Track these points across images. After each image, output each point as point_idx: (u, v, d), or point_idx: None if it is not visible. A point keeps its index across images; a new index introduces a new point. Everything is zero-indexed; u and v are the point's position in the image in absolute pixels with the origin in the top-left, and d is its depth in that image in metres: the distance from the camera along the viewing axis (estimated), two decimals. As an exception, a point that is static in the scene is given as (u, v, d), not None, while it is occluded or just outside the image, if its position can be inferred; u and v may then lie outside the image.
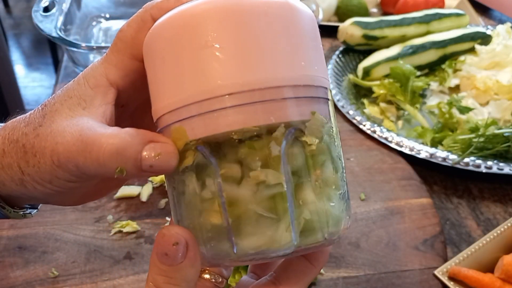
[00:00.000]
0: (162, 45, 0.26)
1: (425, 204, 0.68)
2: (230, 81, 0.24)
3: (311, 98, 0.26)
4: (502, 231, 0.61)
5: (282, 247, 0.25)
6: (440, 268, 0.58)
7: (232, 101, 0.24)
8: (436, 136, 0.78)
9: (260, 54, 0.24)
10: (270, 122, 0.24)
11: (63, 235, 0.60)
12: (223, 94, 0.24)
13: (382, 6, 1.19)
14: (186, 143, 0.26)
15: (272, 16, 0.25)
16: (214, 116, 0.25)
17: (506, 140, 0.73)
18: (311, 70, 0.26)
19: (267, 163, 0.25)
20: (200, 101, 0.25)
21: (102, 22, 1.05)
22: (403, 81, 0.86)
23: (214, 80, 0.24)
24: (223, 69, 0.24)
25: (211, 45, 0.24)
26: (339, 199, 0.27)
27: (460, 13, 1.00)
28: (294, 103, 0.25)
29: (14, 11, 2.97)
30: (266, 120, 0.24)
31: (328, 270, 0.59)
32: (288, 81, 0.25)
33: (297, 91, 0.25)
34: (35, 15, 0.84)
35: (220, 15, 0.24)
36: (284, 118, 0.25)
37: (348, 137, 0.79)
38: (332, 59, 0.95)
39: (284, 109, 0.25)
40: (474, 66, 0.91)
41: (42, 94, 2.30)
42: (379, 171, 0.73)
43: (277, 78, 0.25)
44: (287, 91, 0.25)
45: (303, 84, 0.25)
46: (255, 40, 0.24)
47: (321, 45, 0.28)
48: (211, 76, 0.24)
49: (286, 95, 0.25)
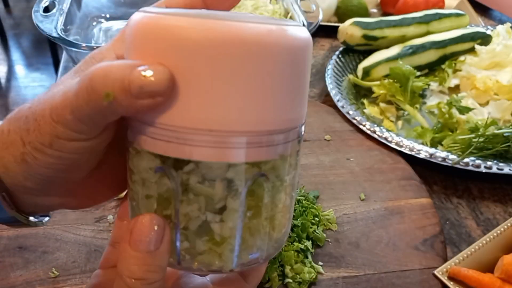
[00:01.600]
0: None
1: (425, 204, 0.68)
2: (202, 116, 0.24)
3: (275, 145, 0.27)
4: (502, 231, 0.61)
5: (224, 266, 0.27)
6: (440, 268, 0.58)
7: (199, 136, 0.25)
8: (436, 136, 0.78)
9: (231, 95, 0.24)
10: (233, 161, 0.25)
11: (64, 235, 0.60)
12: (196, 128, 0.25)
13: (382, 6, 1.19)
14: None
15: (246, 57, 0.24)
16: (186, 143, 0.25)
17: (506, 140, 0.73)
18: (281, 114, 0.26)
19: (225, 195, 0.26)
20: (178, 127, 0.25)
21: (102, 22, 1.06)
22: (403, 81, 0.86)
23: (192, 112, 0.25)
24: (199, 103, 0.24)
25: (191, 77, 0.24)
26: (286, 226, 0.30)
27: (460, 13, 1.00)
28: (255, 146, 0.26)
29: (14, 11, 2.98)
30: (228, 158, 0.25)
31: (328, 270, 0.59)
32: (252, 127, 0.25)
33: (260, 137, 0.26)
34: (35, 15, 0.84)
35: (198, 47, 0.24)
36: (248, 159, 0.26)
37: (348, 137, 0.79)
38: (332, 59, 0.95)
39: (245, 151, 0.25)
40: (474, 66, 0.91)
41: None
42: (379, 171, 0.73)
43: (242, 122, 0.25)
44: (250, 137, 0.25)
45: (270, 129, 0.26)
46: (227, 81, 0.24)
47: (304, 78, 0.27)
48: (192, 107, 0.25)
49: (249, 140, 0.25)
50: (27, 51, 2.71)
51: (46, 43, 2.40)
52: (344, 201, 0.68)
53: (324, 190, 0.69)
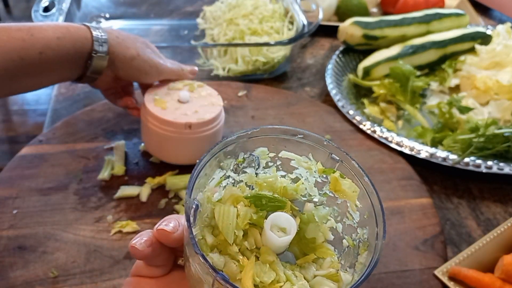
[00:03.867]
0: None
1: (425, 204, 0.68)
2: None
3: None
4: (502, 231, 0.61)
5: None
6: (440, 268, 0.58)
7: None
8: (436, 136, 0.78)
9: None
10: None
11: (63, 235, 0.60)
12: None
13: (382, 6, 1.19)
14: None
15: None
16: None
17: (506, 140, 0.73)
18: None
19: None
20: None
21: (102, 22, 1.05)
22: (403, 81, 0.86)
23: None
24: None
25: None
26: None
27: (460, 13, 1.00)
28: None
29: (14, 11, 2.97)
30: None
31: (328, 270, 0.59)
32: None
33: None
34: (35, 15, 0.84)
35: None
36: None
37: (348, 137, 0.79)
38: (332, 59, 0.95)
39: None
40: (474, 66, 0.91)
41: (42, 94, 2.30)
42: (379, 171, 0.73)
43: None
44: None
45: None
46: None
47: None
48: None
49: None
50: (27, 51, 2.71)
51: (46, 43, 2.40)
52: (344, 201, 0.68)
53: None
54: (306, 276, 0.32)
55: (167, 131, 0.65)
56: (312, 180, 0.35)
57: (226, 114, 0.72)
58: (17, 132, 2.14)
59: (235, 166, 0.35)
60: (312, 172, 0.35)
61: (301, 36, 0.89)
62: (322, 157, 0.35)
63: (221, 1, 1.05)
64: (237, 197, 0.33)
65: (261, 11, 0.99)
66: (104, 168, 0.69)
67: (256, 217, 0.32)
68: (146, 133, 0.69)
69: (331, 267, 0.33)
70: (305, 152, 0.35)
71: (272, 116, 0.82)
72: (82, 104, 0.84)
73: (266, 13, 0.98)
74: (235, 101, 0.85)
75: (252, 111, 0.83)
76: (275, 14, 1.00)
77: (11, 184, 0.66)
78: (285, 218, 0.32)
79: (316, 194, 0.35)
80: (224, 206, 0.32)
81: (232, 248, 0.31)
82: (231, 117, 0.80)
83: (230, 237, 0.30)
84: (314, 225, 0.33)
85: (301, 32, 0.90)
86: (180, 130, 0.64)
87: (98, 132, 0.76)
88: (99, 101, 0.82)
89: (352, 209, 0.34)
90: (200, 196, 0.32)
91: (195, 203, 0.31)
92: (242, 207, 0.32)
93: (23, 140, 2.02)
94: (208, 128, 0.66)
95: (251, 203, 0.33)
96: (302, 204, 0.34)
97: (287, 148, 0.35)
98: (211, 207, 0.32)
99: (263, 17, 0.98)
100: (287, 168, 0.36)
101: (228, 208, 0.31)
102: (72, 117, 0.78)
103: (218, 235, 0.31)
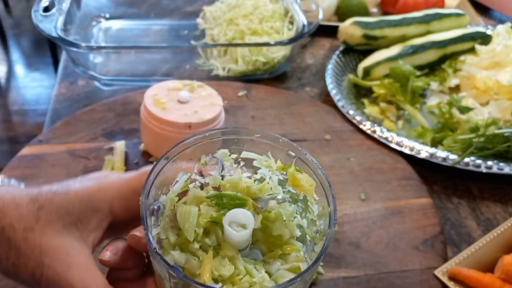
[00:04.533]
0: None
1: (425, 204, 0.68)
2: None
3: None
4: (502, 231, 0.61)
5: None
6: (440, 268, 0.58)
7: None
8: (436, 136, 0.78)
9: None
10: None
11: (63, 235, 0.60)
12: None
13: (382, 6, 1.19)
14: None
15: None
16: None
17: (506, 140, 0.73)
18: None
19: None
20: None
21: (102, 22, 1.05)
22: (403, 81, 0.86)
23: None
24: None
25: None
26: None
27: (460, 13, 1.00)
28: None
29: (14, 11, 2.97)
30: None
31: (328, 270, 0.59)
32: None
33: None
34: (35, 15, 0.84)
35: None
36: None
37: (348, 137, 0.79)
38: (332, 59, 0.95)
39: None
40: (474, 66, 0.91)
41: (42, 94, 2.30)
42: (379, 171, 0.73)
43: None
44: None
45: None
46: None
47: None
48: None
49: None
50: (27, 51, 2.71)
51: (46, 43, 2.40)
52: (344, 201, 0.68)
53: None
54: (270, 270, 0.34)
55: (167, 131, 0.65)
56: (275, 179, 0.36)
57: (226, 114, 0.72)
58: (17, 132, 2.15)
59: (199, 169, 0.36)
60: (273, 171, 0.36)
61: (301, 36, 0.89)
62: (280, 155, 0.36)
63: (221, 1, 1.05)
64: (200, 198, 0.34)
65: (261, 11, 0.99)
66: (104, 168, 0.69)
67: (216, 215, 0.33)
68: (146, 133, 0.69)
69: (295, 261, 0.34)
70: (264, 151, 0.36)
71: (272, 116, 0.82)
72: (82, 104, 0.84)
73: (266, 13, 0.98)
74: (235, 101, 0.85)
75: (252, 111, 0.83)
76: (275, 14, 1.00)
77: (11, 184, 0.66)
78: (244, 214, 0.33)
79: (280, 192, 0.36)
80: (186, 206, 0.33)
81: (192, 245, 0.32)
82: (231, 117, 0.80)
83: (190, 235, 0.32)
84: (280, 223, 0.34)
85: (301, 32, 0.90)
86: (180, 130, 0.64)
87: (98, 132, 0.76)
88: (99, 101, 0.82)
89: (311, 202, 0.35)
90: (163, 198, 0.34)
91: (158, 205, 0.33)
92: (204, 206, 0.33)
93: (23, 140, 2.03)
94: (208, 128, 0.66)
95: (213, 202, 0.34)
96: (266, 202, 0.35)
97: (246, 148, 0.36)
98: (175, 208, 0.33)
99: (263, 17, 0.98)
100: (252, 169, 0.37)
101: (189, 207, 0.33)
102: (72, 117, 0.78)
103: (181, 235, 0.33)
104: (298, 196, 0.36)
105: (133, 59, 0.94)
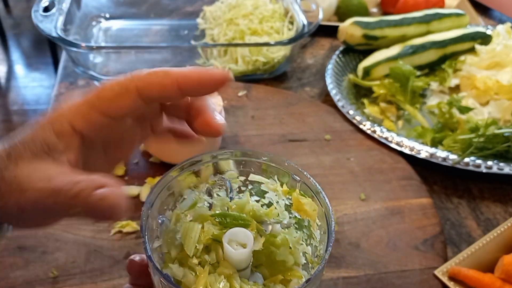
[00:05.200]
0: None
1: (425, 204, 0.68)
2: None
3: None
4: (502, 231, 0.61)
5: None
6: (440, 268, 0.58)
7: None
8: (436, 136, 0.78)
9: None
10: None
11: (63, 235, 0.60)
12: None
13: (382, 6, 1.19)
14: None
15: None
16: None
17: (506, 140, 0.73)
18: None
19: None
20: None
21: (102, 22, 1.05)
22: (403, 81, 0.86)
23: None
24: None
25: None
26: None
27: (460, 13, 1.00)
28: None
29: (14, 11, 2.97)
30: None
31: (328, 270, 0.59)
32: None
33: None
34: (35, 15, 0.84)
35: None
36: None
37: (348, 137, 0.79)
38: (332, 59, 0.95)
39: None
40: (474, 66, 0.91)
41: (42, 94, 2.30)
42: (379, 171, 0.73)
43: None
44: None
45: None
46: None
47: None
48: None
49: None
50: (27, 51, 2.71)
51: (46, 43, 2.39)
52: (344, 201, 0.68)
53: (324, 190, 0.69)
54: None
55: (167, 131, 0.65)
56: (282, 203, 0.36)
57: (226, 114, 0.72)
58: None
59: (208, 189, 0.36)
60: (280, 195, 0.36)
61: (301, 36, 0.89)
62: (286, 179, 0.36)
63: (221, 1, 1.05)
64: (205, 216, 0.35)
65: (261, 11, 0.99)
66: (104, 168, 0.69)
67: (218, 232, 0.33)
68: (146, 133, 0.69)
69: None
70: (271, 174, 0.36)
71: (272, 116, 0.82)
72: (82, 104, 0.84)
73: (266, 13, 0.98)
74: (235, 101, 0.85)
75: (252, 111, 0.83)
76: (275, 14, 1.00)
77: (11, 184, 0.66)
78: (244, 233, 0.33)
79: (287, 217, 0.36)
80: (190, 223, 0.34)
81: (191, 260, 0.33)
82: (231, 117, 0.80)
83: (190, 250, 0.32)
84: (285, 249, 0.34)
85: (301, 32, 0.90)
86: (180, 130, 0.64)
87: (98, 132, 0.76)
88: (99, 101, 0.82)
89: (314, 228, 0.35)
90: (168, 213, 0.35)
91: (162, 219, 0.34)
92: (208, 224, 0.34)
93: (23, 140, 2.02)
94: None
95: (217, 221, 0.34)
96: (271, 226, 0.36)
97: (254, 171, 0.36)
98: (179, 224, 0.34)
99: (263, 17, 0.98)
100: (261, 193, 0.37)
101: (193, 224, 0.33)
102: (72, 117, 0.78)
103: (182, 250, 0.33)
104: (303, 221, 0.36)
105: (133, 59, 0.94)
